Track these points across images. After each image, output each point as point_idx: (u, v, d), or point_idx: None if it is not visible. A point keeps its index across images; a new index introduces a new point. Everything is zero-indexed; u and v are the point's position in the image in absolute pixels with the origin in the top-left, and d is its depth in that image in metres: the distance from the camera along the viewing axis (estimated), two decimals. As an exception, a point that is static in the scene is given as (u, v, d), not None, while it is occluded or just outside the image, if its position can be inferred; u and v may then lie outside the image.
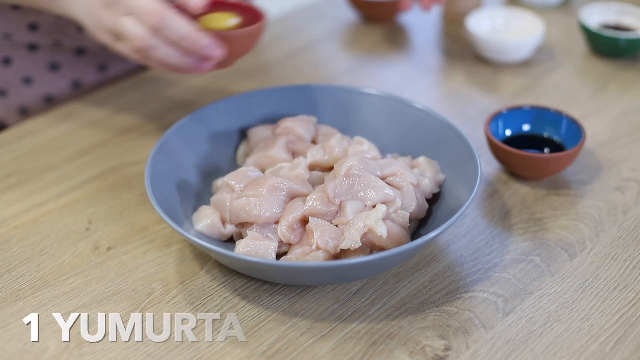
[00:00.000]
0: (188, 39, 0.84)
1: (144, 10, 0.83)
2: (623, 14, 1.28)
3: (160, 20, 0.83)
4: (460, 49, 1.29)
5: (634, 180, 1.00)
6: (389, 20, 1.37)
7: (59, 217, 0.93)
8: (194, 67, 0.87)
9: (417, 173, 0.90)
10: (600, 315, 0.81)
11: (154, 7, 0.83)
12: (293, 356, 0.77)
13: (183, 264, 0.87)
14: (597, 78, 1.22)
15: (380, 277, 0.86)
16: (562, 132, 1.02)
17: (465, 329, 0.80)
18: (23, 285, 0.84)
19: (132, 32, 0.84)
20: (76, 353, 0.77)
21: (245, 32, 0.88)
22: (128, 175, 0.99)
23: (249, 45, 0.90)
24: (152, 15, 0.83)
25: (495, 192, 0.98)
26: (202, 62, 0.87)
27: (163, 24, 0.83)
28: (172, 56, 0.86)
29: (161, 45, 0.85)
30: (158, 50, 0.85)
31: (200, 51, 0.85)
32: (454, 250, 0.89)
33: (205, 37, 0.84)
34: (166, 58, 0.86)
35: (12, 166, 1.01)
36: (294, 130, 0.95)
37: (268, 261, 0.78)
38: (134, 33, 0.84)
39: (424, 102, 1.06)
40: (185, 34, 0.84)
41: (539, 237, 0.91)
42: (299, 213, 0.84)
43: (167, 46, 0.85)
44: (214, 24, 0.88)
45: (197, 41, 0.84)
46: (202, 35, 0.84)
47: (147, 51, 0.85)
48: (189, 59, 0.86)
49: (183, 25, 0.84)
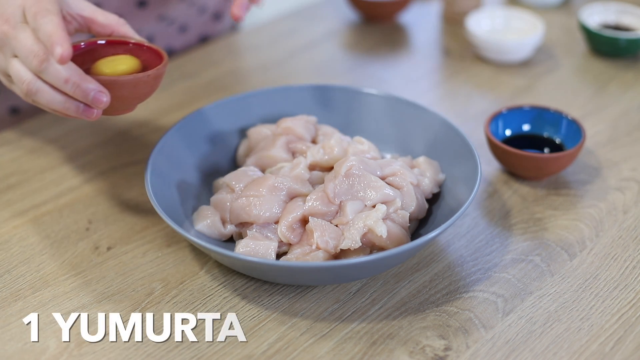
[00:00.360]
0: (70, 83, 0.78)
1: (27, 52, 0.78)
2: (623, 14, 1.28)
3: (42, 62, 0.78)
4: (460, 49, 1.29)
5: (634, 180, 1.00)
6: (389, 20, 1.37)
7: (59, 217, 0.93)
8: (82, 112, 0.81)
9: (417, 173, 0.90)
10: (600, 315, 0.81)
11: (36, 49, 0.78)
12: (293, 356, 0.77)
13: (183, 264, 0.87)
14: (597, 78, 1.22)
15: (380, 277, 0.86)
16: (562, 132, 1.02)
17: (465, 329, 0.80)
18: (23, 285, 0.84)
19: (17, 75, 0.80)
20: (76, 353, 0.77)
21: (137, 78, 0.81)
22: (128, 175, 0.99)
23: (144, 91, 0.83)
24: (34, 58, 0.78)
25: (495, 192, 0.98)
26: (89, 108, 0.81)
27: (45, 66, 0.78)
28: (57, 101, 0.80)
29: (46, 90, 0.80)
30: (43, 94, 0.80)
31: (85, 96, 0.79)
32: (454, 250, 0.89)
33: (89, 82, 0.79)
34: (52, 103, 0.80)
35: (12, 166, 1.01)
36: (294, 130, 0.95)
37: (268, 261, 0.78)
38: (19, 76, 0.80)
39: (424, 102, 1.06)
40: (67, 77, 0.78)
41: (539, 237, 0.91)
42: (299, 213, 0.84)
43: (52, 90, 0.80)
44: (107, 69, 0.83)
45: (80, 85, 0.79)
46: (86, 80, 0.79)
47: (33, 95, 0.80)
48: (75, 104, 0.80)
49: (65, 69, 0.78)
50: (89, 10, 0.85)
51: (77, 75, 0.79)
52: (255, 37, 1.32)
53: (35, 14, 0.78)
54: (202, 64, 1.24)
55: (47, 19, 0.77)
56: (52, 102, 0.80)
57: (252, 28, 1.36)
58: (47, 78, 0.79)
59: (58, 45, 0.75)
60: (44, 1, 0.79)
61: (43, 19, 0.77)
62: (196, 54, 1.28)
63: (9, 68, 0.81)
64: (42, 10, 0.78)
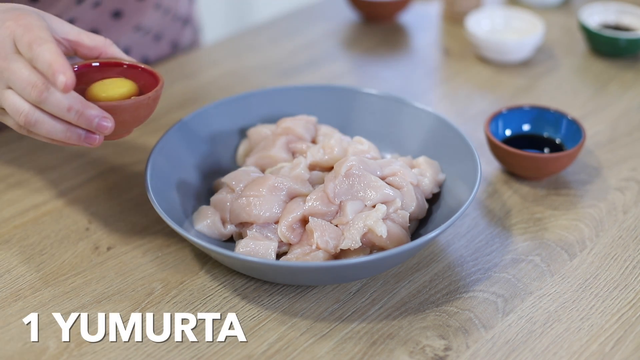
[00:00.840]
0: (73, 111, 0.76)
1: (24, 83, 0.75)
2: (623, 14, 1.28)
3: (42, 92, 0.75)
4: (460, 49, 1.29)
5: (634, 180, 1.00)
6: (389, 20, 1.37)
7: (59, 217, 0.93)
8: (84, 140, 0.79)
9: (417, 173, 0.90)
10: (600, 315, 0.81)
11: (34, 79, 0.75)
12: (293, 356, 0.77)
13: (183, 264, 0.87)
14: (597, 78, 1.22)
15: (380, 277, 0.86)
16: (562, 132, 1.02)
17: (465, 329, 0.80)
18: (23, 285, 0.84)
19: (13, 108, 0.77)
20: (76, 353, 0.77)
21: (138, 101, 0.80)
22: (128, 175, 0.99)
23: (144, 114, 0.82)
24: (33, 88, 0.75)
25: (495, 192, 0.98)
26: (91, 135, 0.79)
27: (45, 96, 0.75)
28: (58, 130, 0.78)
29: (45, 120, 0.77)
30: (43, 125, 0.77)
31: (89, 124, 0.77)
32: (454, 250, 0.89)
33: (92, 109, 0.77)
34: (52, 133, 0.78)
35: (12, 166, 1.01)
36: (294, 130, 0.95)
37: (268, 261, 0.78)
38: (14, 108, 0.77)
39: (424, 102, 1.06)
40: (69, 105, 0.76)
41: (539, 237, 0.91)
42: (299, 213, 0.84)
43: (52, 120, 0.77)
44: (104, 93, 0.81)
45: (84, 113, 0.76)
46: (89, 106, 0.77)
47: (31, 127, 0.77)
48: (77, 133, 0.78)
49: (66, 97, 0.76)
50: (73, 33, 0.83)
51: (79, 102, 0.77)
52: (255, 37, 1.32)
53: (30, 43, 0.75)
54: (202, 64, 1.24)
55: (44, 48, 0.75)
56: (53, 132, 0.78)
57: (252, 28, 1.36)
58: (48, 108, 0.76)
59: (60, 74, 0.73)
60: (35, 29, 0.77)
61: (39, 47, 0.75)
62: (196, 54, 1.28)
63: (2, 100, 0.78)
64: (36, 38, 0.76)
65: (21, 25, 0.77)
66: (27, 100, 0.77)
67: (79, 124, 0.77)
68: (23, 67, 0.76)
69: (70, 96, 0.76)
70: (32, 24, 0.77)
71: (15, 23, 0.77)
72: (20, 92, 0.76)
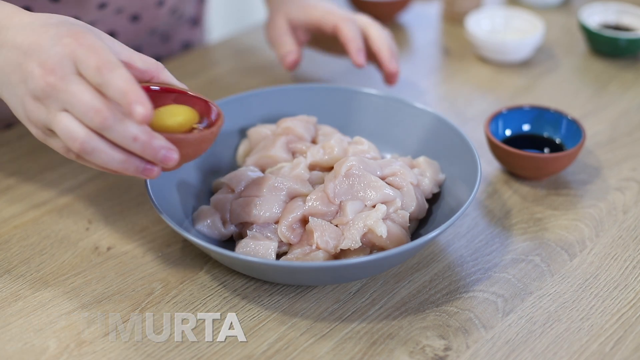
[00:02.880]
0: (139, 141, 0.71)
1: (86, 108, 0.70)
2: (623, 14, 1.28)
3: (107, 119, 0.70)
4: (460, 49, 1.29)
5: (634, 180, 1.00)
6: (389, 20, 1.37)
7: (59, 217, 0.93)
8: (142, 171, 0.74)
9: (417, 173, 0.90)
10: (600, 315, 0.81)
11: (98, 105, 0.70)
12: (293, 356, 0.77)
13: (183, 264, 0.87)
14: (597, 78, 1.22)
15: (380, 277, 0.86)
16: (562, 132, 1.02)
17: (465, 329, 0.80)
18: (23, 285, 0.84)
19: (67, 133, 0.71)
20: (76, 353, 0.77)
21: (202, 136, 0.76)
22: (128, 175, 0.99)
23: (204, 148, 0.78)
24: (97, 114, 0.69)
25: (495, 192, 0.98)
26: (150, 166, 0.74)
27: (109, 123, 0.70)
28: (116, 160, 0.72)
29: (104, 149, 0.72)
30: (100, 154, 0.72)
31: (153, 156, 0.72)
32: (454, 250, 0.89)
33: (158, 139, 0.72)
34: (109, 163, 0.73)
35: (12, 166, 1.01)
36: (294, 130, 0.95)
37: (268, 261, 0.78)
38: (69, 133, 0.71)
39: (424, 102, 1.06)
40: (135, 135, 0.71)
41: (539, 237, 0.91)
42: (299, 213, 0.84)
43: (111, 149, 0.72)
44: (168, 121, 0.76)
45: (151, 144, 0.71)
46: (155, 137, 0.72)
47: (86, 155, 0.72)
48: (135, 164, 0.73)
49: (133, 126, 0.71)
50: (125, 53, 0.76)
51: (146, 132, 0.71)
52: (255, 37, 1.32)
53: (99, 68, 0.70)
54: (202, 64, 1.24)
55: (117, 74, 0.69)
56: (110, 162, 0.72)
57: (252, 28, 1.36)
58: (112, 136, 0.71)
59: (138, 105, 0.68)
60: (101, 51, 0.71)
61: (111, 73, 0.69)
62: (196, 54, 1.28)
63: (54, 123, 0.72)
64: (105, 63, 0.70)
65: (83, 45, 0.72)
66: (85, 126, 0.71)
67: (143, 155, 0.72)
68: (85, 90, 0.70)
69: (136, 125, 0.71)
70: (96, 45, 0.72)
71: (76, 42, 0.72)
72: (79, 117, 0.71)
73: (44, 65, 0.72)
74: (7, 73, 0.75)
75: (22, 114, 0.75)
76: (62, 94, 0.71)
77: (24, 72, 0.73)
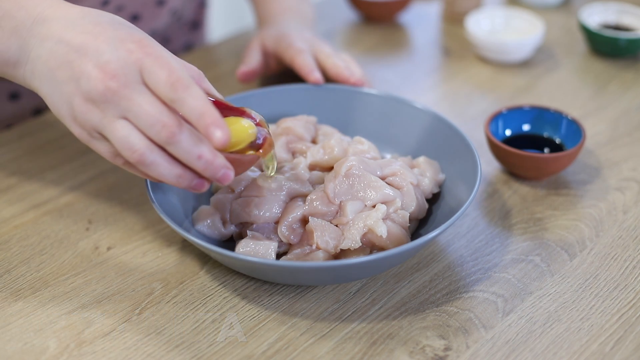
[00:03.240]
0: (203, 160, 0.70)
1: (153, 121, 0.68)
2: (623, 14, 1.28)
3: (175, 135, 0.68)
4: (460, 49, 1.29)
5: (634, 180, 1.00)
6: (389, 20, 1.37)
7: (59, 217, 0.93)
8: (193, 186, 0.73)
9: (417, 173, 0.90)
10: (600, 315, 0.81)
11: (166, 119, 0.68)
12: (293, 356, 0.77)
13: (183, 264, 0.87)
14: (597, 78, 1.22)
15: (380, 277, 0.86)
16: (562, 132, 1.02)
17: (465, 329, 0.80)
18: (23, 285, 0.84)
19: (126, 142, 0.69)
20: (76, 353, 0.77)
21: (254, 158, 0.77)
22: (128, 175, 0.99)
23: (249, 167, 0.79)
24: (164, 129, 0.68)
25: (495, 192, 0.98)
26: (202, 181, 0.73)
27: (177, 139, 0.68)
28: (172, 175, 0.71)
29: (162, 163, 0.70)
30: (157, 167, 0.71)
31: (213, 174, 0.71)
32: (454, 250, 0.89)
33: (220, 158, 0.71)
34: (164, 176, 0.71)
35: (12, 166, 1.01)
36: (294, 130, 0.95)
37: (268, 261, 0.78)
38: (127, 143, 0.69)
39: (424, 102, 1.06)
40: (201, 154, 0.69)
41: (539, 237, 0.91)
42: (299, 213, 0.84)
43: (170, 164, 0.71)
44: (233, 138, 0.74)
45: (214, 163, 0.71)
46: (218, 156, 0.71)
47: (143, 166, 0.71)
48: (189, 179, 0.72)
49: (200, 143, 0.69)
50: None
51: (211, 151, 0.70)
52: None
53: (173, 84, 0.68)
54: (203, 64, 1.24)
55: (192, 93, 0.68)
56: (166, 175, 0.71)
57: (252, 28, 1.36)
58: (176, 151, 0.70)
59: (217, 129, 0.67)
60: (171, 65, 0.69)
61: (185, 92, 0.68)
62: (196, 55, 1.28)
63: (109, 129, 0.70)
64: (179, 79, 0.68)
65: (150, 55, 0.70)
66: (146, 137, 0.70)
67: (203, 173, 0.72)
68: (152, 102, 0.69)
69: (204, 142, 0.70)
70: (164, 57, 0.70)
71: (141, 50, 0.70)
72: (143, 128, 0.69)
73: (104, 68, 0.69)
74: (52, 68, 0.72)
75: (67, 112, 0.73)
76: (125, 101, 0.69)
77: (77, 70, 0.71)
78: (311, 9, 1.19)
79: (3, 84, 1.13)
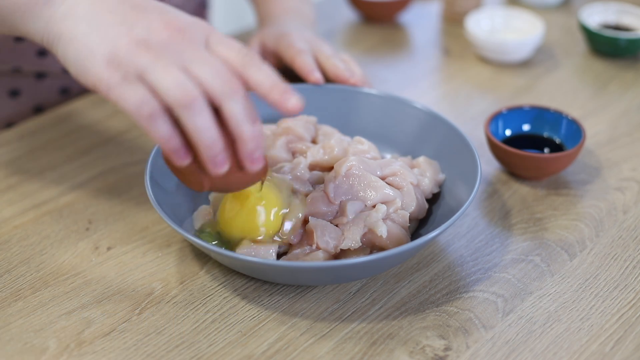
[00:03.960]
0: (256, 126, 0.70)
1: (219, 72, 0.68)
2: (623, 14, 1.28)
3: (239, 89, 0.68)
4: (460, 49, 1.29)
5: (634, 180, 1.00)
6: (389, 20, 1.37)
7: (59, 217, 0.93)
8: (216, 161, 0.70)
9: (417, 173, 0.90)
10: (600, 315, 0.81)
11: (232, 76, 0.68)
12: (293, 356, 0.77)
13: (183, 264, 0.87)
14: (597, 78, 1.22)
15: (380, 277, 0.86)
16: (562, 132, 1.02)
17: (465, 329, 0.80)
18: (23, 285, 0.84)
19: (181, 84, 0.66)
20: (76, 353, 0.77)
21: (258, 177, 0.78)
22: (128, 175, 0.99)
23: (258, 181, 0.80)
24: (229, 82, 0.68)
25: (495, 192, 0.98)
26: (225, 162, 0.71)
27: (240, 95, 0.68)
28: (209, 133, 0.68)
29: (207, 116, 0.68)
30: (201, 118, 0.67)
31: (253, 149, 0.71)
32: (454, 250, 0.89)
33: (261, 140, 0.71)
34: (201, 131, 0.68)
35: (12, 166, 1.01)
36: (294, 130, 0.95)
37: (268, 261, 0.78)
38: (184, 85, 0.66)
39: (424, 102, 1.06)
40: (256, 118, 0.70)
41: (539, 237, 0.91)
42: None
43: (214, 123, 0.68)
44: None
45: (259, 137, 0.71)
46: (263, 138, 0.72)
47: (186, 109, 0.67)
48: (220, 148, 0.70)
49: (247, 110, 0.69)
50: None
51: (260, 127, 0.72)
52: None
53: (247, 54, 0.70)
54: (202, 64, 1.24)
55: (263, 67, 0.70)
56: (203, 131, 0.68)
57: (252, 28, 1.36)
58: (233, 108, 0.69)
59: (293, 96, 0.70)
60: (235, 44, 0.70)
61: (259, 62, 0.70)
62: (196, 54, 1.28)
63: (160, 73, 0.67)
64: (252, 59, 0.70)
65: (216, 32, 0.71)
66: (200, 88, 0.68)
67: (245, 143, 0.70)
68: (218, 59, 0.68)
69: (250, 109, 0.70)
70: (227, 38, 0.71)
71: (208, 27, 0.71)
72: (206, 78, 0.67)
73: (170, 23, 0.69)
74: (99, 11, 0.70)
75: (104, 51, 0.68)
76: (190, 52, 0.68)
77: (132, 20, 0.69)
78: (312, 9, 1.19)
79: (3, 81, 1.14)
